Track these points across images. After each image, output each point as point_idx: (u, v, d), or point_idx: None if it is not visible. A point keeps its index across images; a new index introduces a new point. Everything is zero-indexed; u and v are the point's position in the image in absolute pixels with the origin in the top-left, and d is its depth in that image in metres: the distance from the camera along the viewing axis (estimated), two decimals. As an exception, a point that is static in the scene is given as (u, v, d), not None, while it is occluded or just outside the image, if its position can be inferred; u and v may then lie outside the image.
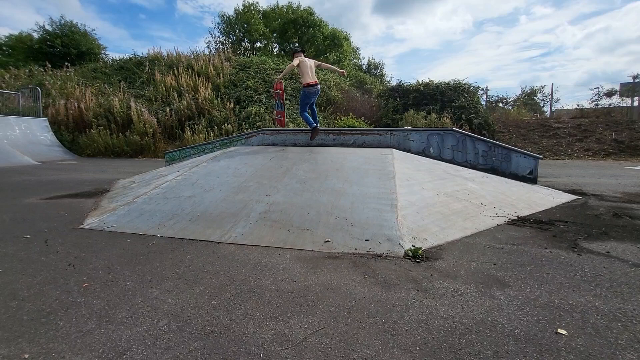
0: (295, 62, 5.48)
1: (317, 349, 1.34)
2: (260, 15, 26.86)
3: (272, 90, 5.55)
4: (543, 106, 19.83)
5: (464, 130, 7.32)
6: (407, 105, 14.35)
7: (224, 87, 14.68)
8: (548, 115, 17.27)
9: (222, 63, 15.97)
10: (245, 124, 12.47)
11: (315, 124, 5.84)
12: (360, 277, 2.03)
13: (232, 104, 13.40)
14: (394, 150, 4.93)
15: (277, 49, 27.02)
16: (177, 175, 4.45)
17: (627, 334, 1.43)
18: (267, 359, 1.28)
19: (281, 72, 5.80)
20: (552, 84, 26.49)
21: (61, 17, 24.98)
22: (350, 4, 64.56)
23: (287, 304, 1.70)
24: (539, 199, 4.15)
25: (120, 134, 12.16)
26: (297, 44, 25.08)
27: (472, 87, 14.76)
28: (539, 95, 20.38)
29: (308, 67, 5.57)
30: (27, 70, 17.54)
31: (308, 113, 5.78)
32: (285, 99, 14.00)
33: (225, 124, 12.41)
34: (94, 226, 3.13)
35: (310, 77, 5.50)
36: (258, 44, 26.74)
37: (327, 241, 2.59)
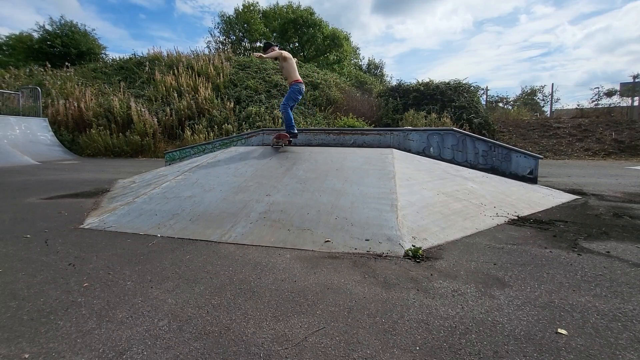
0: (285, 54, 5.11)
1: (317, 348, 1.34)
2: (260, 15, 26.87)
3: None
4: (543, 106, 19.89)
5: (464, 130, 7.32)
6: (407, 105, 14.36)
7: (224, 87, 14.69)
8: (548, 115, 17.28)
9: (222, 63, 15.98)
10: (245, 123, 12.48)
11: (295, 131, 5.31)
12: (360, 277, 2.03)
13: (232, 104, 13.40)
14: (394, 150, 4.92)
15: (277, 48, 26.99)
16: (177, 175, 4.45)
17: (627, 333, 1.43)
18: (267, 359, 1.28)
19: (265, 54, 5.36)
20: (552, 84, 26.53)
21: (61, 17, 25.01)
22: (350, 3, 64.63)
23: (287, 304, 1.70)
24: (539, 198, 4.15)
25: (120, 134, 12.16)
26: (272, 41, 24.27)
27: (472, 87, 14.79)
28: (539, 95, 20.45)
29: (295, 63, 5.26)
30: (27, 70, 17.55)
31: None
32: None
33: (225, 124, 12.42)
34: (94, 226, 3.13)
35: (299, 74, 5.25)
36: (258, 44, 26.73)
37: (327, 241, 2.59)
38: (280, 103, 5.29)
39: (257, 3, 27.00)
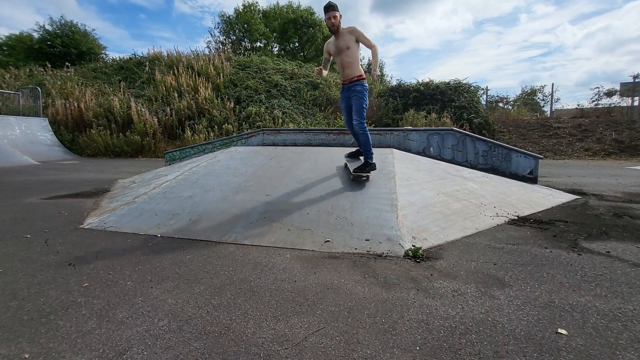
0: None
1: (317, 348, 1.34)
2: (260, 15, 26.85)
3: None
4: (543, 106, 19.87)
5: (464, 130, 7.32)
6: (407, 105, 14.35)
7: (224, 87, 14.69)
8: (548, 115, 17.26)
9: (222, 63, 15.98)
10: (245, 124, 12.47)
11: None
12: (360, 276, 2.03)
13: (232, 104, 13.40)
14: (394, 150, 4.92)
15: (277, 48, 27.02)
16: (177, 175, 4.45)
17: (627, 333, 1.43)
18: (267, 359, 1.28)
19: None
20: (552, 84, 26.49)
21: (61, 17, 25.01)
22: (349, 2, 64.77)
23: (287, 304, 1.70)
24: (539, 198, 4.15)
25: (121, 133, 12.16)
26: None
27: (472, 87, 14.77)
28: (539, 95, 20.43)
29: None
30: (27, 70, 17.55)
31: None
32: (286, 99, 14.02)
33: (225, 124, 12.42)
34: (94, 226, 3.13)
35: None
36: (258, 44, 26.73)
37: (327, 241, 2.59)
38: (353, 119, 3.44)
39: (257, 3, 27.01)
